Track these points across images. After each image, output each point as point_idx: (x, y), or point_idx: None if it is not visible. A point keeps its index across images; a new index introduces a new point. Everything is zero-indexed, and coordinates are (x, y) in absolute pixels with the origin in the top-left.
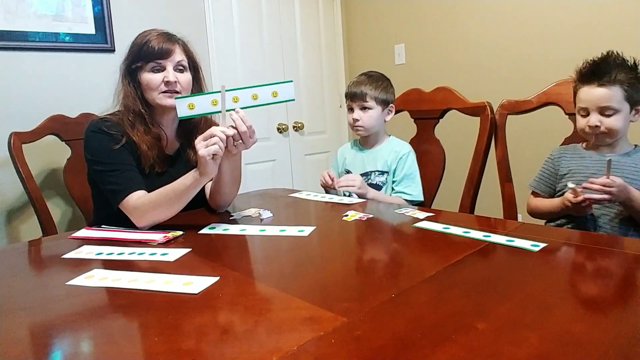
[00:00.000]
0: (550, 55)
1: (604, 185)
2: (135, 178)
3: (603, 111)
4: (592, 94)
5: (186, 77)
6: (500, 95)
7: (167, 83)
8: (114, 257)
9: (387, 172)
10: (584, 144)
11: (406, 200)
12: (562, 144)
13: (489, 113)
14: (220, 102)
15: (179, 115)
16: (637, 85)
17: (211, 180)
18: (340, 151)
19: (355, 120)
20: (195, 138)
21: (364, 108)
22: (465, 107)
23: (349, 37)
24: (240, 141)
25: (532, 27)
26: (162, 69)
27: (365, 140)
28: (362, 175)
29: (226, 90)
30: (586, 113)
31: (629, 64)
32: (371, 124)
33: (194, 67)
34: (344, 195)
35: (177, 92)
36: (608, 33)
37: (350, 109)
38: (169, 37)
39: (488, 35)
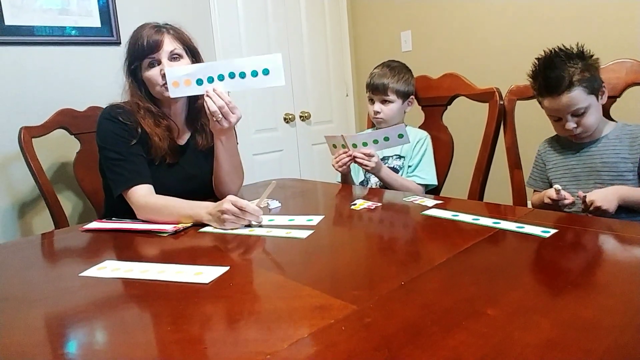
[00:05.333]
0: (560, 40)
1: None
2: (142, 171)
3: (574, 114)
4: (556, 104)
5: (183, 65)
6: (509, 80)
7: (163, 76)
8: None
9: (404, 158)
10: None
11: (419, 184)
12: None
13: (498, 99)
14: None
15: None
16: (592, 74)
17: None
18: None
19: (377, 112)
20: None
21: (384, 101)
22: (473, 93)
23: (355, 25)
24: (221, 117)
25: (541, 12)
26: (158, 62)
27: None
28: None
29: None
30: (557, 118)
31: (574, 52)
32: (391, 117)
33: (192, 52)
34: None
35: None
36: (618, 16)
37: (371, 100)
38: (157, 29)
39: (496, 20)
